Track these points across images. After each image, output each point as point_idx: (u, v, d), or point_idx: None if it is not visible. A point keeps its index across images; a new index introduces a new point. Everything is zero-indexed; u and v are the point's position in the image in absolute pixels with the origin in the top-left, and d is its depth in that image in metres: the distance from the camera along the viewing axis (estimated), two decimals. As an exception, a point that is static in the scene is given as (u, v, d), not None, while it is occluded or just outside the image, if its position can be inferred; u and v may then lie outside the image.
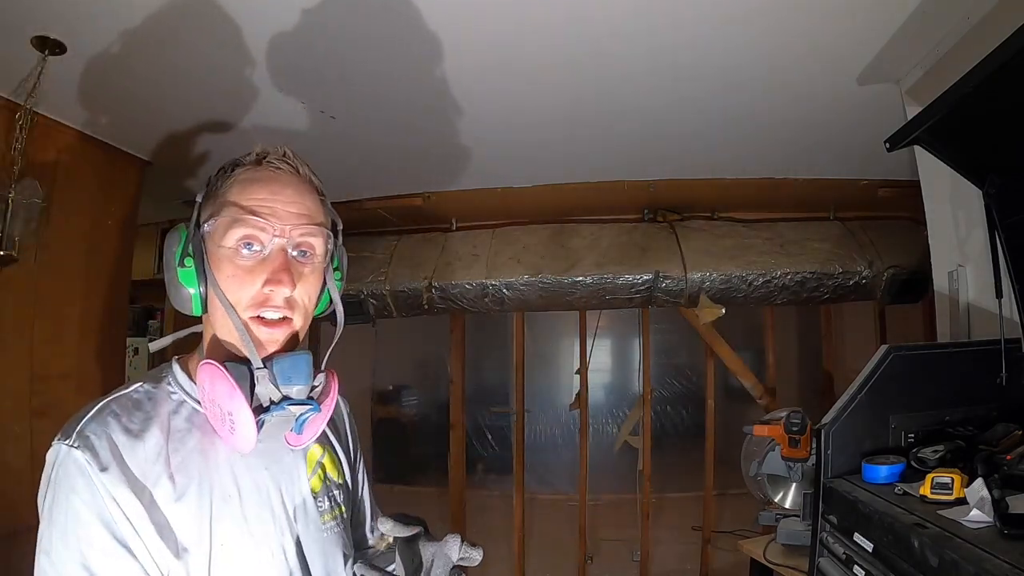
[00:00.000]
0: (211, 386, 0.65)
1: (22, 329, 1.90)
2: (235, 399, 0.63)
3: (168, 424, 0.67)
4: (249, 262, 0.68)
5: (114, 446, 0.62)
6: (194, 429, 0.68)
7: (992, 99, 1.03)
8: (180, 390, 0.70)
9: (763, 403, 3.05)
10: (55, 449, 0.62)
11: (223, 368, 0.64)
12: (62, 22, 1.46)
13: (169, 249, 0.69)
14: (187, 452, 0.66)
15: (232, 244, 0.67)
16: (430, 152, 2.35)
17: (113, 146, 2.20)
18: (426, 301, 2.87)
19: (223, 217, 0.68)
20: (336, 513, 0.79)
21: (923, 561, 0.87)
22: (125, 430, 0.63)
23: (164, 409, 0.68)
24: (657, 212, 2.93)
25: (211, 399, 0.65)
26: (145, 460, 0.63)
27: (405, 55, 1.63)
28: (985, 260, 1.29)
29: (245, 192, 0.69)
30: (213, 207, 0.70)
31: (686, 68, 1.71)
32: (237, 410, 0.63)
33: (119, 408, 0.65)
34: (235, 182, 0.70)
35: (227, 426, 0.65)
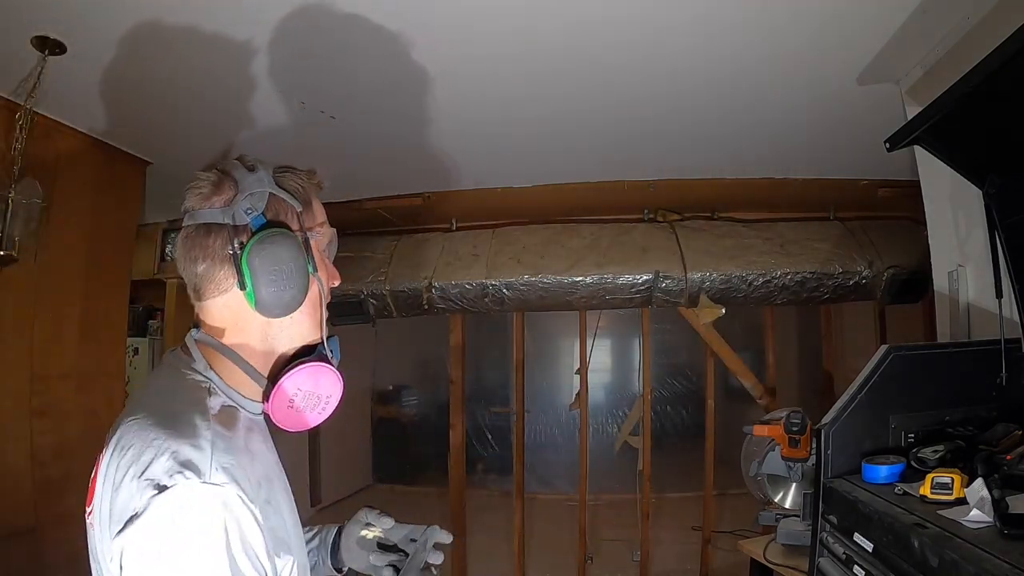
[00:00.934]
0: (314, 382, 0.73)
1: (22, 329, 1.90)
2: (337, 384, 0.75)
3: (248, 440, 0.69)
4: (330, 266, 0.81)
5: (248, 478, 0.62)
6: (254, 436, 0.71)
7: (992, 99, 1.03)
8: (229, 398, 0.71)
9: (763, 403, 3.05)
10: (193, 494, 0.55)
11: (326, 365, 0.74)
12: (62, 22, 1.46)
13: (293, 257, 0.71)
14: (265, 466, 0.70)
15: (331, 252, 0.82)
16: (430, 152, 2.35)
17: (113, 146, 2.20)
18: (426, 301, 2.87)
19: (324, 229, 0.79)
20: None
21: (923, 561, 0.87)
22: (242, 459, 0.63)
23: (239, 426, 0.68)
24: (657, 212, 2.93)
25: (310, 392, 0.73)
26: (249, 474, 0.63)
27: (405, 56, 1.63)
28: (985, 260, 1.29)
29: (322, 212, 0.80)
30: (310, 219, 0.78)
31: (686, 68, 1.71)
32: (337, 391, 0.76)
33: (226, 432, 0.64)
34: (315, 200, 0.80)
35: (319, 408, 0.75)
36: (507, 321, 3.70)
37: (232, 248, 0.69)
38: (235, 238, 0.70)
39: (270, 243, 0.69)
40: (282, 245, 0.70)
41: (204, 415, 0.63)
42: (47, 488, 1.91)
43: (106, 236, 2.19)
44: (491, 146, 2.29)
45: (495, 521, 3.84)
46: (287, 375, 0.71)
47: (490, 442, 4.99)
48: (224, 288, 0.71)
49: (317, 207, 0.79)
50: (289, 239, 0.71)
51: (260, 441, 0.72)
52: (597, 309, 3.11)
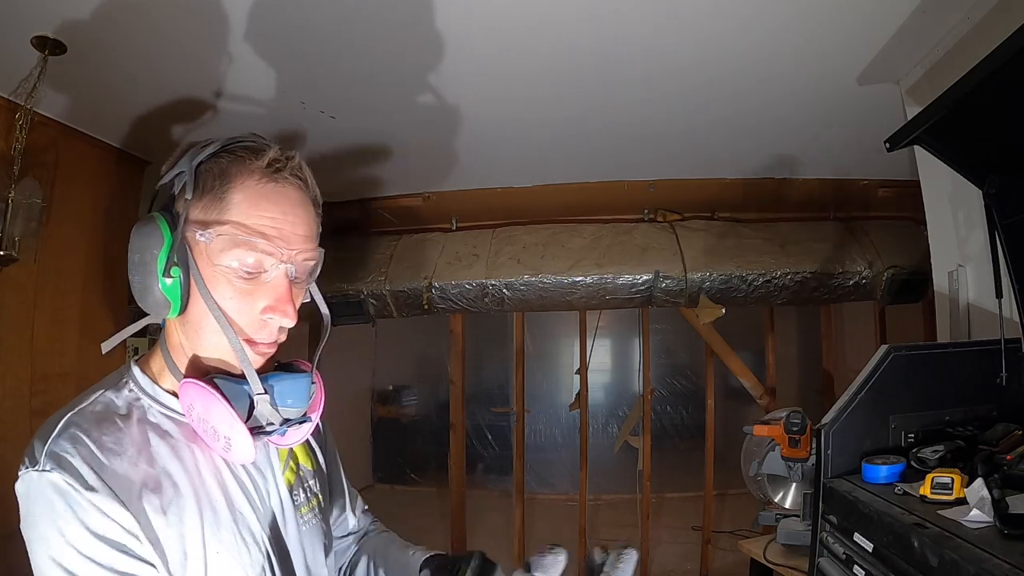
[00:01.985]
0: (203, 408, 0.60)
1: (22, 329, 1.90)
2: (234, 426, 0.60)
3: (140, 434, 0.61)
4: (249, 286, 0.62)
5: (91, 460, 0.56)
6: (168, 436, 0.63)
7: (992, 99, 1.03)
8: (144, 395, 0.65)
9: (763, 403, 3.05)
10: (25, 479, 0.56)
11: (216, 393, 0.59)
12: (62, 22, 1.46)
13: (147, 250, 0.62)
14: (165, 461, 0.61)
15: (232, 264, 0.61)
16: (430, 152, 2.35)
17: (113, 146, 2.20)
18: (426, 301, 2.87)
19: (226, 234, 0.61)
20: (313, 504, 0.76)
21: (923, 561, 0.87)
22: (97, 443, 0.57)
23: (132, 417, 0.62)
24: (657, 212, 2.93)
25: (202, 419, 0.61)
26: (125, 474, 0.57)
27: (406, 57, 1.63)
28: (985, 260, 1.29)
29: (255, 208, 0.61)
30: (209, 213, 0.62)
31: (687, 69, 1.71)
32: (236, 435, 0.60)
33: (84, 422, 0.59)
34: (240, 190, 0.62)
35: (221, 444, 0.61)
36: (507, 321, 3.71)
37: None
38: None
39: (136, 225, 0.63)
40: (139, 230, 0.62)
41: (72, 407, 0.61)
42: (47, 488, 1.91)
43: (106, 236, 2.19)
44: (491, 146, 2.29)
45: (495, 521, 3.84)
46: (182, 384, 0.62)
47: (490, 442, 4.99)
48: None
49: (239, 200, 0.61)
50: (147, 225, 0.62)
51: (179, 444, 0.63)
52: (597, 309, 3.11)
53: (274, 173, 0.63)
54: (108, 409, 0.62)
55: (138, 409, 0.63)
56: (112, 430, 0.60)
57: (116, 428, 0.60)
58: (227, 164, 0.63)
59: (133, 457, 0.59)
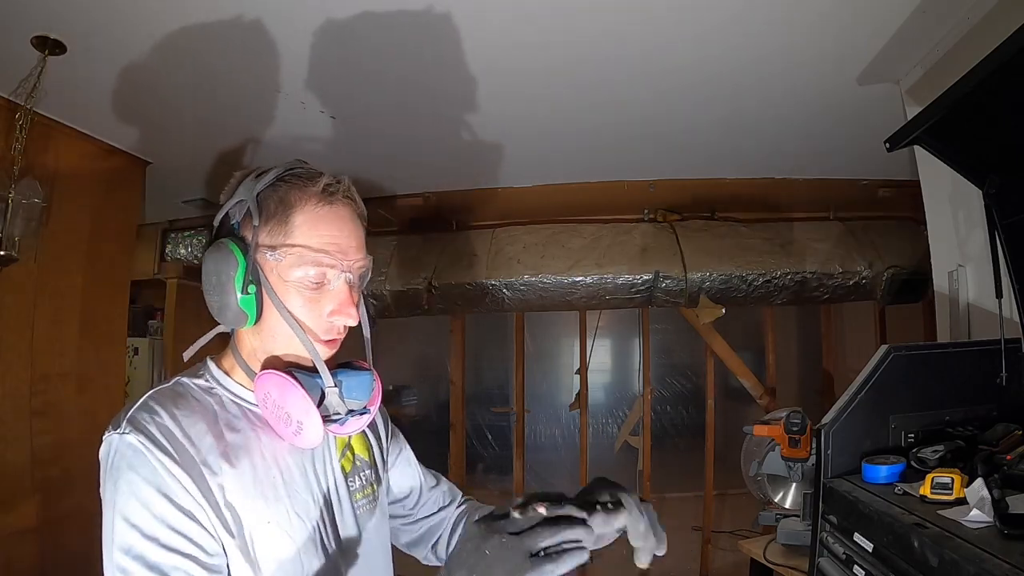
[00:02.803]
0: (280, 394, 0.69)
1: (22, 329, 1.90)
2: (309, 412, 0.68)
3: (211, 412, 0.71)
4: (315, 294, 0.72)
5: (165, 429, 0.65)
6: (236, 419, 0.72)
7: (992, 99, 1.03)
8: (218, 384, 0.74)
9: (763, 403, 3.05)
10: (107, 441, 0.65)
11: (295, 381, 0.68)
12: (62, 22, 1.46)
13: (223, 272, 0.69)
14: (235, 437, 0.70)
15: (300, 279, 0.71)
16: (430, 152, 2.35)
17: (113, 146, 2.20)
18: (426, 301, 2.87)
19: (294, 254, 0.70)
20: (369, 491, 0.85)
21: (923, 561, 0.87)
22: (172, 416, 0.67)
23: (204, 399, 0.72)
24: (657, 212, 2.93)
25: (277, 405, 0.69)
26: (195, 443, 0.66)
27: (406, 58, 1.63)
28: (985, 260, 1.29)
29: (315, 230, 0.71)
30: (275, 237, 0.71)
31: (686, 68, 1.71)
32: (309, 420, 0.68)
33: (162, 398, 0.69)
34: (301, 213, 0.71)
35: (292, 428, 0.69)
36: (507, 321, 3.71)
37: None
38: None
39: (209, 251, 0.71)
40: (213, 255, 0.70)
41: (156, 387, 0.72)
42: (47, 488, 1.91)
43: (106, 236, 2.19)
44: (491, 146, 2.29)
45: (495, 521, 3.83)
46: (259, 375, 0.71)
47: (490, 442, 4.98)
48: None
49: (302, 224, 0.71)
50: (221, 250, 0.70)
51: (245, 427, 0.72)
52: (597, 309, 3.11)
53: (329, 196, 0.73)
54: (185, 390, 0.72)
55: (212, 395, 0.73)
56: (186, 406, 0.69)
57: (189, 405, 0.70)
58: (286, 191, 0.72)
59: (202, 431, 0.68)
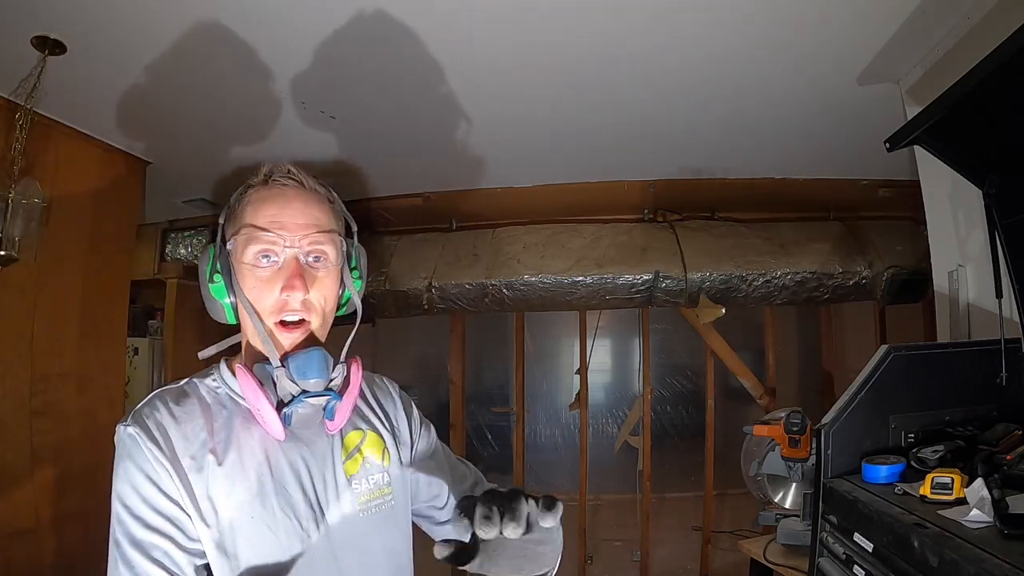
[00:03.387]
0: (243, 387, 0.75)
1: (22, 329, 1.90)
2: (259, 398, 0.73)
3: (211, 411, 0.76)
4: (267, 273, 0.76)
5: (159, 424, 0.72)
6: (234, 417, 0.77)
7: (992, 99, 1.03)
8: (224, 384, 0.80)
9: (763, 403, 3.05)
10: (117, 432, 0.72)
11: (249, 371, 0.74)
12: (62, 22, 1.46)
13: (201, 267, 0.79)
14: (227, 434, 0.75)
15: (251, 259, 0.76)
16: (430, 152, 2.35)
17: (113, 146, 2.20)
18: (426, 301, 2.87)
19: (241, 236, 0.76)
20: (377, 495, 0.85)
21: (923, 561, 0.87)
22: (170, 412, 0.73)
23: (208, 398, 0.77)
24: (657, 212, 2.93)
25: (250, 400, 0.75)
26: (187, 437, 0.72)
27: (406, 58, 1.63)
28: (985, 260, 1.29)
29: (258, 211, 0.77)
30: (233, 227, 0.79)
31: (686, 68, 1.71)
32: (262, 407, 0.73)
33: (167, 396, 0.76)
34: (248, 202, 0.78)
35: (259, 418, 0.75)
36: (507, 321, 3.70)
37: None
38: None
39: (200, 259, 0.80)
40: (200, 260, 0.80)
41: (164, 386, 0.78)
42: (47, 488, 1.91)
43: (106, 236, 2.19)
44: (492, 146, 2.29)
45: (495, 521, 3.83)
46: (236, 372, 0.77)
47: (490, 442, 4.98)
48: None
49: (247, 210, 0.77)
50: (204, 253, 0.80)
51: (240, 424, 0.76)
52: (597, 309, 3.11)
53: (270, 181, 0.79)
54: (191, 390, 0.78)
55: (216, 394, 0.78)
56: (187, 403, 0.75)
57: (190, 403, 0.76)
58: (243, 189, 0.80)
59: (196, 428, 0.73)
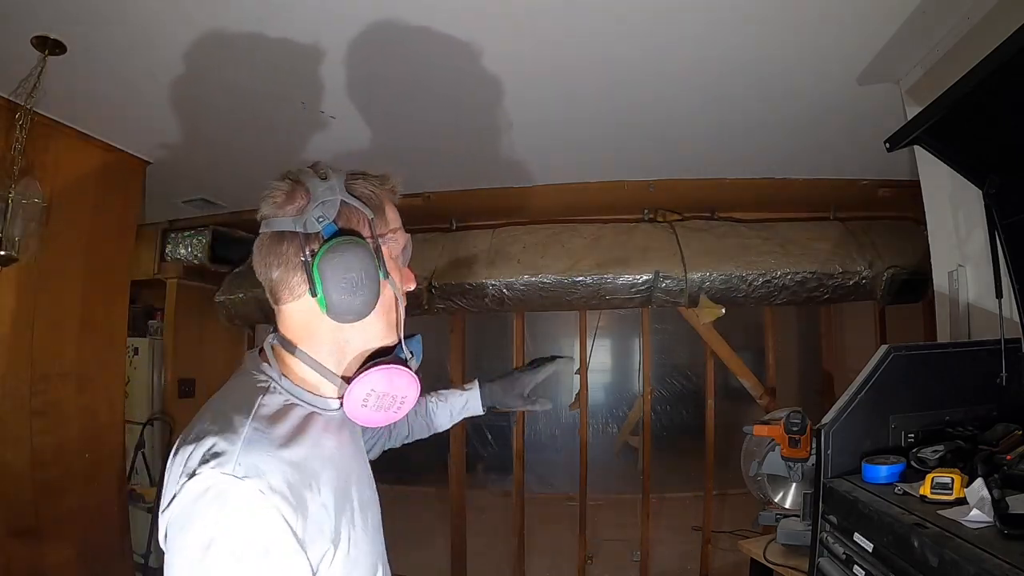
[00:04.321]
0: (388, 383, 0.75)
1: (22, 329, 1.90)
2: (413, 385, 0.76)
3: (303, 435, 0.70)
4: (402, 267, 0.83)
5: (281, 471, 0.63)
6: (316, 434, 0.72)
7: (992, 99, 1.03)
8: (294, 397, 0.74)
9: (763, 403, 3.05)
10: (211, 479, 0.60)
11: (402, 368, 0.76)
12: (62, 22, 1.46)
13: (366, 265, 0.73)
14: (322, 459, 0.70)
15: (400, 257, 0.82)
16: (430, 152, 2.35)
17: (113, 146, 2.20)
18: (426, 301, 2.87)
19: (398, 236, 0.81)
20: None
21: (923, 561, 0.87)
22: (278, 454, 0.65)
23: (291, 421, 0.70)
24: (657, 212, 2.93)
25: (382, 395, 0.75)
26: (300, 477, 0.65)
27: (406, 60, 1.63)
28: (985, 260, 1.29)
29: (396, 217, 0.83)
30: (381, 225, 0.79)
31: (685, 68, 1.71)
32: (413, 392, 0.76)
33: (265, 429, 0.66)
34: (388, 205, 0.82)
35: (394, 408, 0.76)
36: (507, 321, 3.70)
37: (304, 256, 0.72)
38: (307, 246, 0.72)
39: (340, 251, 0.72)
40: (351, 253, 0.72)
41: (247, 413, 0.67)
42: (47, 488, 1.91)
43: (106, 236, 2.19)
44: (491, 146, 2.29)
45: (495, 521, 3.83)
46: (359, 378, 0.73)
47: (490, 442, 4.99)
48: (298, 294, 0.74)
49: (391, 213, 0.81)
50: (359, 247, 0.73)
51: (334, 435, 0.75)
52: (597, 309, 3.10)
53: (394, 194, 0.84)
54: (273, 413, 0.69)
55: (295, 414, 0.71)
56: (284, 434, 0.67)
57: (286, 432, 0.68)
58: (375, 189, 0.80)
59: (303, 460, 0.66)
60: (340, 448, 0.75)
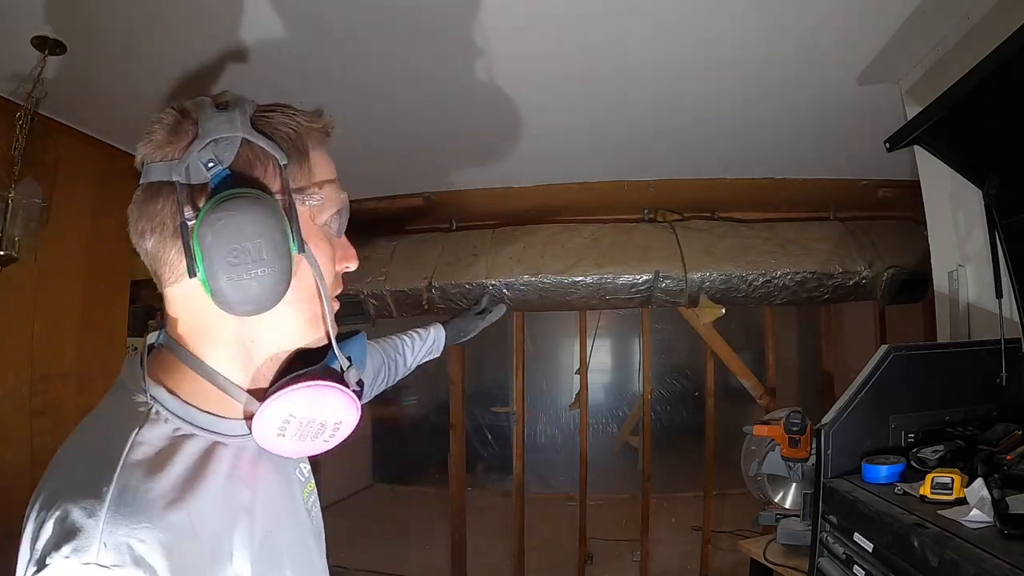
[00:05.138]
0: (312, 406, 0.54)
1: (22, 329, 1.90)
2: (351, 407, 0.56)
3: (202, 481, 0.50)
4: (339, 239, 0.60)
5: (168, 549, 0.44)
6: (223, 474, 0.53)
7: (992, 99, 1.03)
8: (183, 422, 0.53)
9: (763, 403, 3.05)
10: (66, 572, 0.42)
11: (332, 386, 0.54)
12: (62, 22, 1.46)
13: (275, 228, 0.51)
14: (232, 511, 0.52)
15: (327, 223, 0.58)
16: (430, 152, 2.35)
17: (113, 146, 2.20)
18: (426, 301, 2.87)
19: (323, 195, 0.57)
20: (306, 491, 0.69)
21: (923, 561, 0.87)
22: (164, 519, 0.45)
23: (183, 462, 0.50)
24: (657, 212, 2.93)
25: (305, 421, 0.54)
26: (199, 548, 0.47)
27: (407, 59, 1.63)
28: (985, 260, 1.29)
29: (329, 167, 0.60)
30: (302, 178, 0.57)
31: (685, 68, 1.71)
32: (350, 416, 0.56)
33: (142, 485, 0.46)
34: (316, 150, 0.58)
35: (323, 436, 0.57)
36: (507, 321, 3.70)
37: (183, 216, 0.51)
38: (187, 203, 0.52)
39: (229, 209, 0.50)
40: (248, 212, 0.50)
41: (114, 461, 0.46)
42: (47, 488, 1.91)
43: (106, 236, 2.19)
44: (491, 146, 2.29)
45: (495, 521, 3.83)
46: (270, 400, 0.53)
47: (490, 442, 4.99)
48: (179, 273, 0.53)
49: (319, 161, 0.58)
50: (259, 204, 0.51)
51: (249, 470, 0.55)
52: (597, 309, 3.10)
53: (327, 135, 0.60)
54: (151, 456, 0.49)
55: (185, 442, 0.52)
56: (172, 484, 0.48)
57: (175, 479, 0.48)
58: (291, 124, 0.57)
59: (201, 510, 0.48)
60: (262, 487, 0.56)
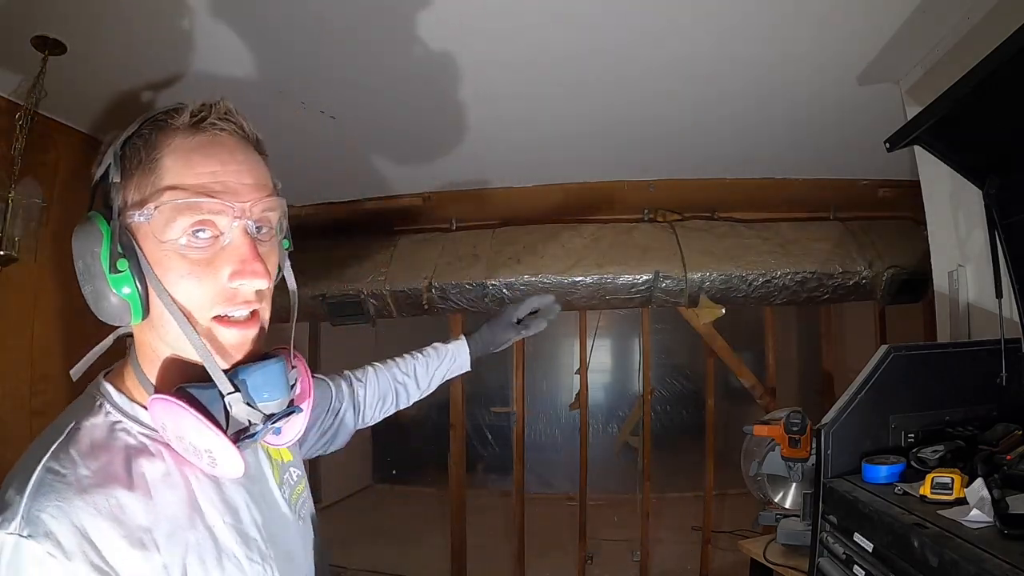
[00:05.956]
0: (175, 424, 0.54)
1: (22, 329, 1.90)
2: (213, 438, 0.53)
3: (128, 466, 0.54)
4: (206, 254, 0.55)
5: (78, 526, 0.48)
6: (156, 460, 0.56)
7: (992, 99, 1.03)
8: (124, 417, 0.57)
9: (763, 403, 3.05)
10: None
11: (184, 404, 0.52)
12: (62, 22, 1.46)
13: (88, 250, 0.55)
14: (158, 493, 0.54)
15: (179, 236, 0.54)
16: (430, 152, 2.35)
17: (113, 146, 2.20)
18: (426, 301, 2.87)
19: (165, 204, 0.53)
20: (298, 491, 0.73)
21: (923, 561, 0.87)
22: (83, 497, 0.50)
23: (116, 451, 0.55)
24: (657, 212, 2.93)
25: (178, 437, 0.54)
26: (119, 531, 0.50)
27: (408, 58, 1.63)
28: (985, 260, 1.30)
29: (189, 166, 0.54)
30: (143, 189, 0.55)
31: (685, 68, 1.71)
32: (217, 447, 0.54)
33: (64, 468, 0.51)
34: (169, 153, 0.55)
35: (206, 460, 0.55)
36: (507, 321, 3.70)
37: None
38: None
39: (74, 234, 0.56)
40: (75, 234, 0.55)
41: (48, 447, 0.52)
42: (47, 488, 1.91)
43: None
44: (491, 146, 2.29)
45: (495, 521, 3.83)
46: (150, 404, 0.55)
47: (490, 442, 4.99)
48: None
49: (168, 163, 0.55)
50: (85, 227, 0.55)
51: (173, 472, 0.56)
52: (597, 309, 3.10)
53: (200, 124, 0.56)
54: (86, 444, 0.54)
55: (121, 437, 0.56)
56: (97, 471, 0.52)
57: (101, 468, 0.52)
58: (150, 133, 0.56)
59: (124, 500, 0.52)
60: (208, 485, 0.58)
